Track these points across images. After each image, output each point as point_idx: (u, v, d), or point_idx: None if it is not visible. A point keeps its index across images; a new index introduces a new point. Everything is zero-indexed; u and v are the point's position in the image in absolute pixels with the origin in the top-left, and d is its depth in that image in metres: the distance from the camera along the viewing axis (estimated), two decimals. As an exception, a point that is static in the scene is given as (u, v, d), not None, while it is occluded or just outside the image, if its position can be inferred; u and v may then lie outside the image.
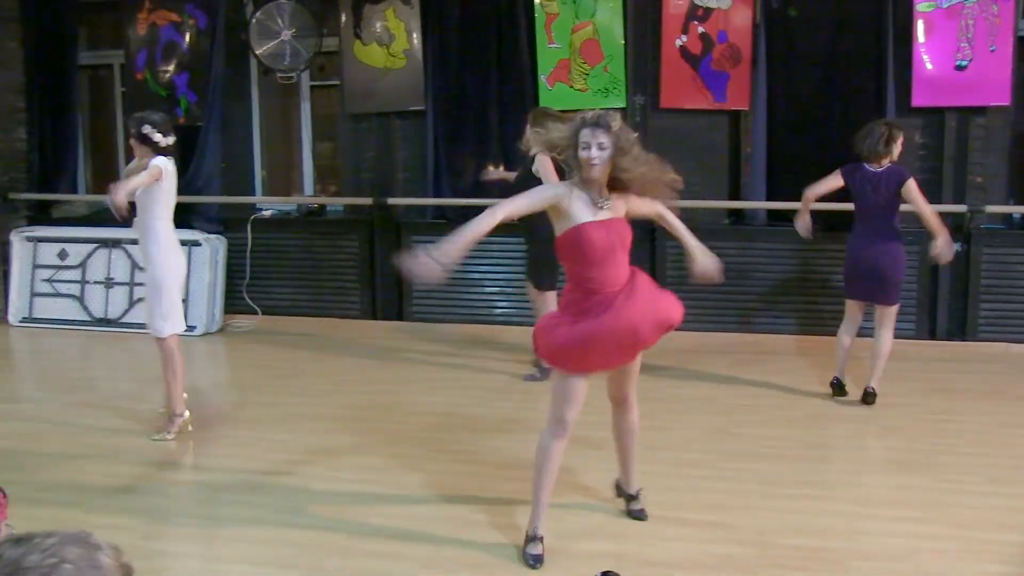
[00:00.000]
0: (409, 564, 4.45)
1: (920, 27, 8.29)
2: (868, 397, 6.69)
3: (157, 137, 6.17)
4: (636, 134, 4.48)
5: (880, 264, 6.57)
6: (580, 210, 4.41)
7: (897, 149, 6.62)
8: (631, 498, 4.95)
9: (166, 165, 6.14)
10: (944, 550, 4.49)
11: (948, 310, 8.60)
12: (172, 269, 6.27)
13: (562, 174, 5.91)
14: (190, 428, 6.33)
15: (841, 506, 5.02)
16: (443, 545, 4.65)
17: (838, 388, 6.88)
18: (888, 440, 6.08)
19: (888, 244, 6.58)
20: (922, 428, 6.27)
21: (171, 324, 6.23)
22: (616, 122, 4.35)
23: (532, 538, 4.50)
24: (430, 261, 4.40)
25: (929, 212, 6.53)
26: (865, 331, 7.08)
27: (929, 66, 8.33)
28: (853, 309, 6.90)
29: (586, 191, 4.42)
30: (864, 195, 6.64)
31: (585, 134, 4.31)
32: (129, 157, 10.86)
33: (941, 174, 8.52)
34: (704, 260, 4.92)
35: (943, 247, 6.50)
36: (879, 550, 4.50)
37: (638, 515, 4.90)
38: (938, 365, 7.94)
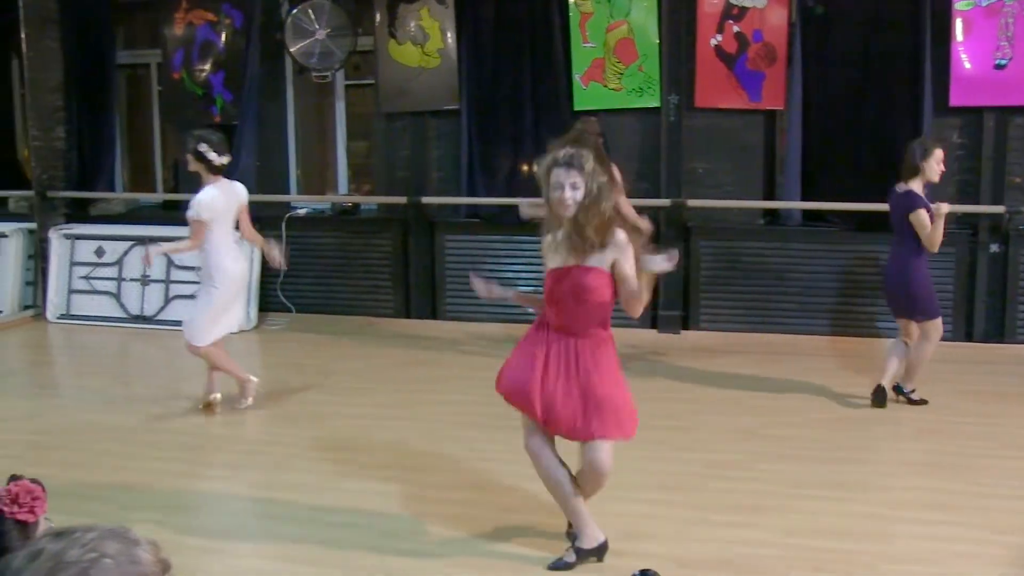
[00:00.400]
0: (442, 563, 4.46)
1: (959, 26, 8.20)
2: (876, 395, 6.64)
3: (212, 156, 6.44)
4: (606, 178, 4.18)
5: (894, 280, 6.64)
6: (547, 251, 4.29)
7: (933, 167, 6.42)
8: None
9: (210, 203, 6.44)
10: (977, 554, 4.45)
11: (986, 312, 8.51)
12: (220, 276, 6.55)
13: None
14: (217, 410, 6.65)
15: (872, 508, 4.98)
16: (477, 544, 4.66)
17: (876, 396, 6.68)
18: (922, 443, 6.03)
19: (901, 261, 6.54)
20: (957, 431, 6.21)
21: (203, 335, 6.55)
22: (589, 163, 4.09)
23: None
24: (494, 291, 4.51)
25: (930, 239, 6.36)
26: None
27: (967, 65, 8.25)
28: (901, 323, 6.83)
29: (558, 231, 4.21)
30: (890, 211, 6.65)
31: (558, 173, 4.09)
32: (166, 158, 11.04)
33: (979, 174, 8.43)
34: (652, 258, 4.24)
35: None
36: (910, 553, 4.47)
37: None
38: (975, 367, 7.86)
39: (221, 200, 6.50)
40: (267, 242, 6.85)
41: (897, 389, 6.73)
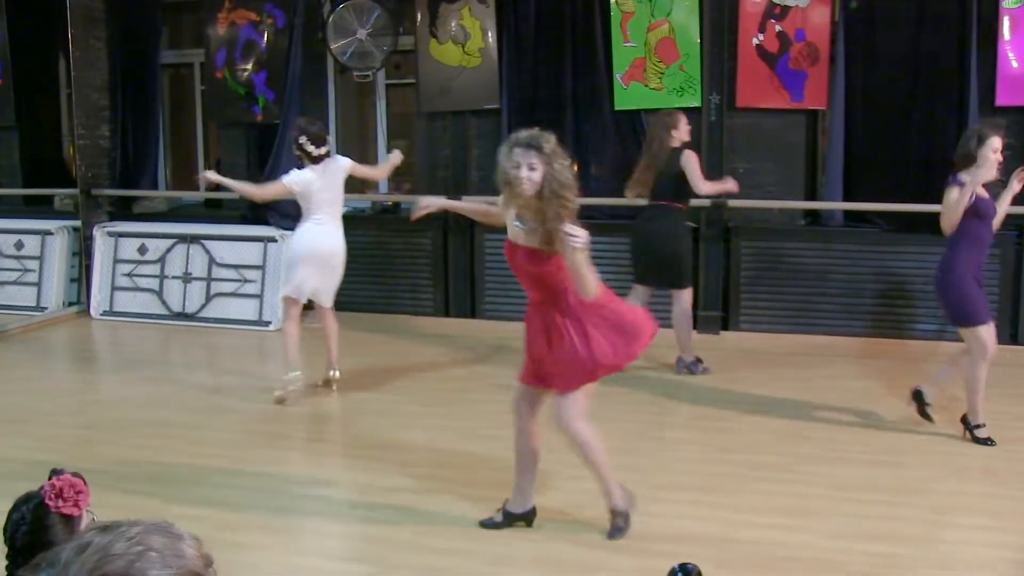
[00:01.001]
0: (476, 561, 4.47)
1: (1006, 24, 8.10)
2: (913, 396, 6.30)
3: (310, 148, 6.94)
4: (569, 161, 4.42)
5: (934, 280, 6.15)
6: (508, 224, 4.55)
7: (988, 156, 5.80)
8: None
9: (300, 179, 6.97)
10: (1018, 560, 4.39)
11: (1032, 315, 8.41)
12: (294, 243, 7.27)
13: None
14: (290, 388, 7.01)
15: (917, 513, 4.93)
16: (511, 542, 4.66)
17: (912, 397, 6.39)
18: (968, 447, 5.95)
19: (943, 259, 6.03)
20: (1004, 435, 6.12)
21: (282, 287, 7.44)
22: (549, 145, 4.30)
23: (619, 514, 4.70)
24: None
25: (946, 218, 5.91)
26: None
27: (1015, 64, 8.14)
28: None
29: (514, 206, 4.48)
30: None
31: (517, 153, 4.29)
32: (208, 157, 11.14)
33: (1026, 175, 8.32)
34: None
35: None
36: (956, 559, 4.42)
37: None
38: (1020, 371, 7.75)
39: (315, 183, 6.95)
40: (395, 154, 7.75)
41: (964, 422, 6.09)
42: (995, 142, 5.85)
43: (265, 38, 10.10)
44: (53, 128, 11.67)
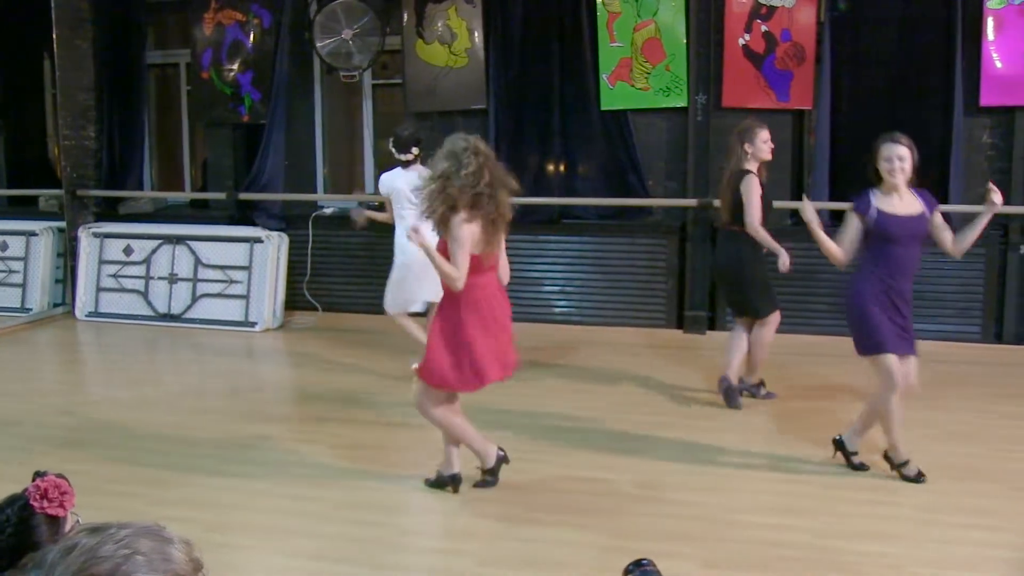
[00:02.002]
0: (465, 561, 4.46)
1: (991, 24, 8.14)
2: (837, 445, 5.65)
3: (393, 151, 7.31)
4: (447, 166, 4.92)
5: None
6: None
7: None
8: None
9: (386, 181, 7.34)
10: (1011, 559, 4.41)
11: (1016, 314, 8.43)
12: (398, 251, 7.37)
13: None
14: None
15: (905, 512, 4.95)
16: (499, 542, 4.65)
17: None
18: (954, 446, 5.97)
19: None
20: (990, 434, 6.16)
21: (388, 302, 7.42)
22: (438, 154, 5.01)
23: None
24: None
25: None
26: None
27: (999, 64, 8.18)
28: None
29: None
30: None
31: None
32: (194, 157, 11.11)
33: (1011, 174, 8.36)
34: None
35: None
36: (944, 557, 4.43)
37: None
38: (1005, 370, 7.79)
39: (399, 181, 7.16)
40: None
41: (887, 459, 5.49)
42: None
43: (251, 38, 10.07)
44: (38, 129, 11.62)
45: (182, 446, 6.06)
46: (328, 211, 10.12)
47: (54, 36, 10.03)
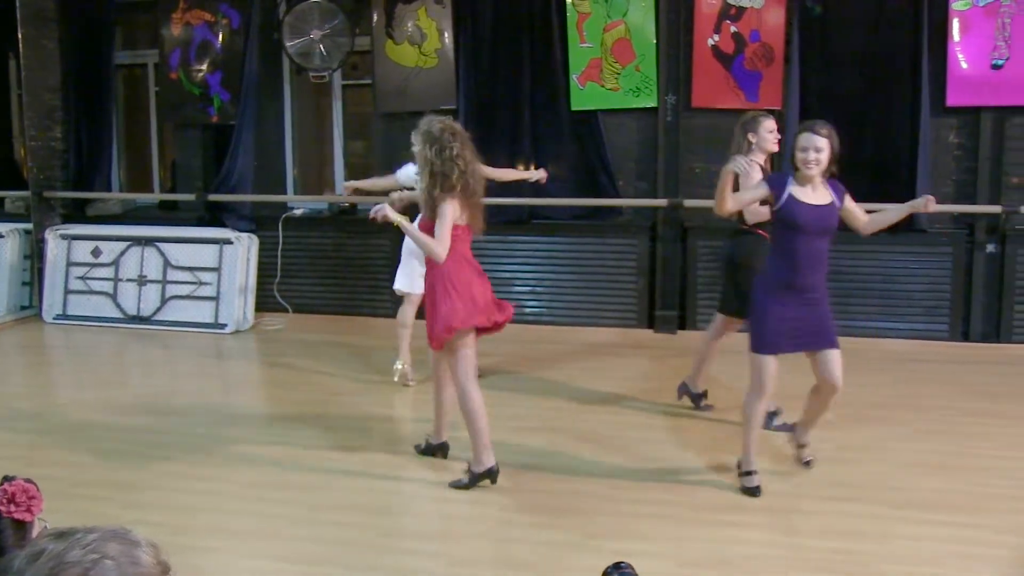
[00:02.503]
0: (440, 562, 4.46)
1: (955, 26, 8.21)
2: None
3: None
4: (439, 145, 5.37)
5: None
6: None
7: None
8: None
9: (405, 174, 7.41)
10: (978, 555, 4.45)
11: (982, 312, 8.52)
12: None
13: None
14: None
15: (873, 509, 4.98)
16: (475, 543, 4.66)
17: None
18: (921, 443, 6.02)
19: None
20: (956, 431, 6.22)
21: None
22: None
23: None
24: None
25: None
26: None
27: (964, 65, 8.26)
28: None
29: None
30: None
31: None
32: (163, 158, 11.04)
33: (976, 174, 8.45)
34: None
35: None
36: (911, 554, 4.47)
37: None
38: (972, 368, 7.87)
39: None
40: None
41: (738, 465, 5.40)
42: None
43: (220, 38, 10.02)
44: (4, 129, 11.49)
45: (151, 449, 6.02)
46: (298, 212, 10.08)
47: (19, 35, 9.94)
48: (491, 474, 5.28)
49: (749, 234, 6.14)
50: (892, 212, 5.30)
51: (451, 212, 5.22)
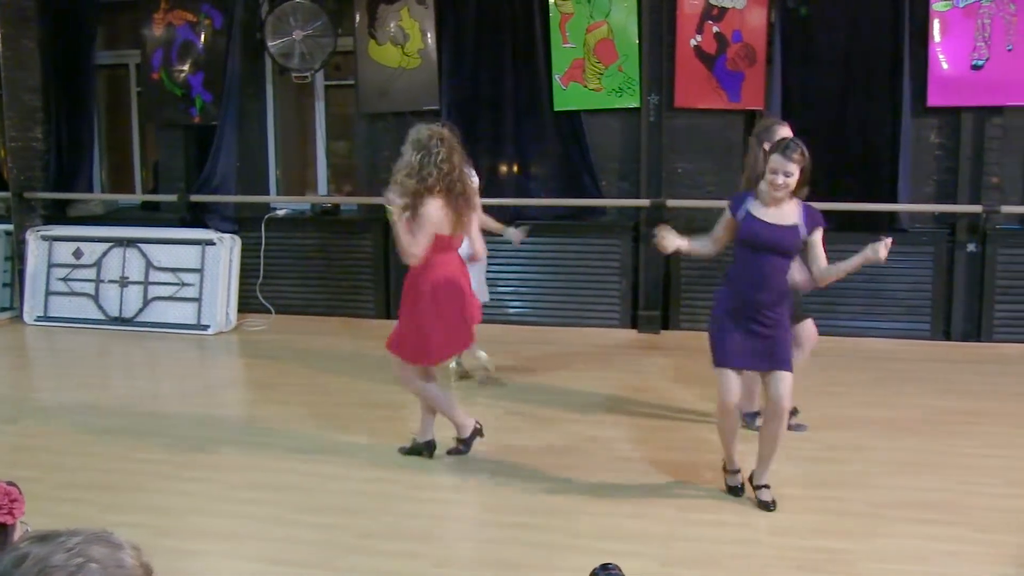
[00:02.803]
0: (422, 563, 4.45)
1: (936, 26, 8.26)
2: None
3: None
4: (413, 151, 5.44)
5: None
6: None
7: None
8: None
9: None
10: (960, 552, 4.47)
11: (964, 311, 8.56)
12: None
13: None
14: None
15: (855, 507, 5.00)
16: (457, 543, 4.66)
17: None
18: (903, 441, 6.05)
19: None
20: (938, 430, 6.25)
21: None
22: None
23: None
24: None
25: None
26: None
27: (945, 66, 8.30)
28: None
29: None
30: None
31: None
32: (145, 159, 10.98)
33: (957, 174, 8.50)
34: None
35: None
36: (894, 552, 4.49)
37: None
38: (953, 366, 7.91)
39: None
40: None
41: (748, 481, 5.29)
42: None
43: (202, 39, 9.99)
44: (-16, 130, 11.43)
45: (133, 451, 5.99)
46: (281, 213, 10.06)
47: (0, 35, 9.88)
48: (478, 432, 5.81)
49: None
50: (846, 265, 5.01)
51: (433, 214, 5.32)
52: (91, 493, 5.30)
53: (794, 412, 6.17)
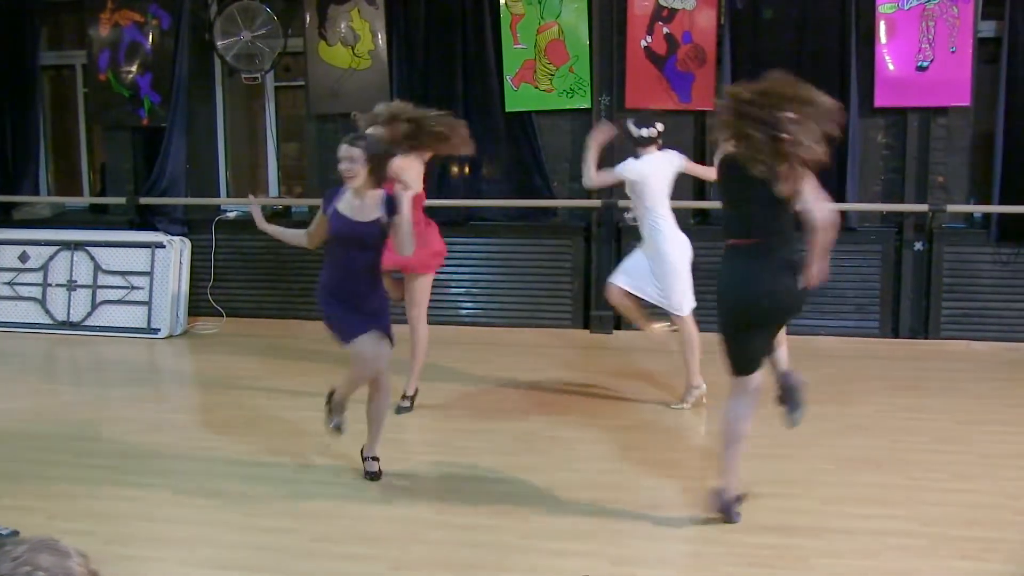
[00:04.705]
0: (377, 565, 4.44)
1: (882, 28, 8.36)
2: None
3: (632, 129, 6.74)
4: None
5: None
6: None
7: None
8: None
9: (635, 168, 6.73)
10: (910, 546, 4.53)
11: (911, 309, 8.68)
12: (679, 253, 6.74)
13: None
14: (704, 400, 6.67)
15: (806, 503, 5.05)
16: (410, 546, 4.64)
17: None
18: (852, 438, 6.12)
19: None
20: (886, 426, 6.33)
21: (688, 302, 6.73)
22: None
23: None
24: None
25: None
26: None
27: (891, 67, 8.41)
28: None
29: None
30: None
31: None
32: (93, 161, 10.84)
33: (903, 174, 8.61)
34: None
35: None
36: (845, 547, 4.54)
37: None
38: (901, 363, 8.02)
39: (647, 168, 6.68)
40: None
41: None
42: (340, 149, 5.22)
43: (150, 39, 9.87)
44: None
45: (81, 457, 5.92)
46: (231, 215, 9.98)
47: (-58, 37, 9.73)
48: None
49: None
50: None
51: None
52: (37, 501, 5.22)
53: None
